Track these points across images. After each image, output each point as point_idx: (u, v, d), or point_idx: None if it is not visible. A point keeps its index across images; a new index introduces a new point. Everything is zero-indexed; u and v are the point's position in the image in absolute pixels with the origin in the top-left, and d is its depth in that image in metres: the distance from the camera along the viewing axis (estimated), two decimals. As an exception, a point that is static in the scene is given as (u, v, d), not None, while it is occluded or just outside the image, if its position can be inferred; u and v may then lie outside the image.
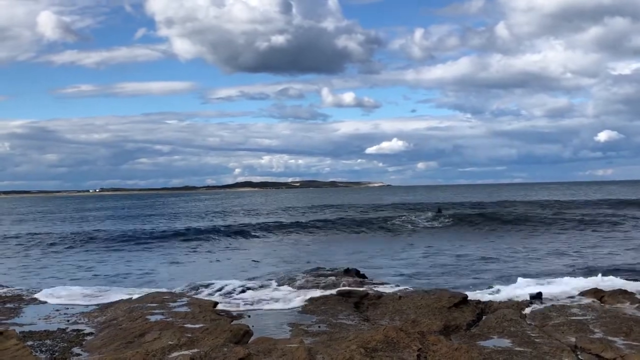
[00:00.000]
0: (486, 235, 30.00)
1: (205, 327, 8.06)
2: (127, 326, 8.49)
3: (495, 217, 37.53)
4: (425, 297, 9.98)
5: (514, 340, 8.08)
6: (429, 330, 8.17)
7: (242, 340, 7.64)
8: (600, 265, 16.60)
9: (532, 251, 21.71)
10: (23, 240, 29.72)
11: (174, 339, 7.46)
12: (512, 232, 30.39)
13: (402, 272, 16.67)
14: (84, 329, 9.17)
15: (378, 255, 21.90)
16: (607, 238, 26.14)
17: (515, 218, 36.75)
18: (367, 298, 10.39)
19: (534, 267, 17.45)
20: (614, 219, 35.29)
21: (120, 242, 28.35)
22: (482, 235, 29.81)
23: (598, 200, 55.77)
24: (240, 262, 20.84)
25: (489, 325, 8.91)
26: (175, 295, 10.89)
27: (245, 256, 22.81)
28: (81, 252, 25.04)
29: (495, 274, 15.92)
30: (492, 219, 36.60)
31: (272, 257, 22.38)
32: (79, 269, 19.57)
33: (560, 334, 8.28)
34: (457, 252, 21.64)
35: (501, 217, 37.23)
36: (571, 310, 9.54)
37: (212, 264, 20.75)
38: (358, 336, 7.34)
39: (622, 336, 8.05)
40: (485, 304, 10.29)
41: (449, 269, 17.16)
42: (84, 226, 39.90)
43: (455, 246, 23.99)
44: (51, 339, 8.58)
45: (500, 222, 35.05)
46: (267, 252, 24.05)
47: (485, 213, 40.53)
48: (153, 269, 19.21)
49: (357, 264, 15.90)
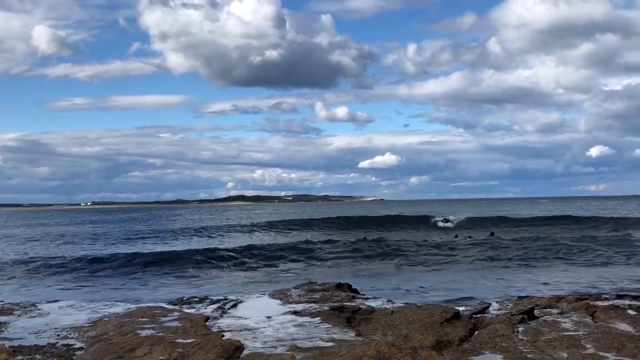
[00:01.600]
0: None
1: (197, 342, 8.01)
2: (118, 341, 8.44)
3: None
4: (417, 312, 9.97)
5: (505, 355, 8.07)
6: (421, 345, 8.15)
7: (234, 355, 7.60)
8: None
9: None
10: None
11: (165, 354, 7.41)
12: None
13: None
14: (74, 343, 9.09)
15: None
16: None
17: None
18: (359, 313, 10.37)
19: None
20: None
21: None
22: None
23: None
24: (233, 278, 20.78)
25: (481, 340, 8.91)
26: (166, 310, 10.84)
27: (238, 272, 22.74)
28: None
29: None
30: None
31: (264, 273, 22.31)
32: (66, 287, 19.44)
33: (552, 350, 8.28)
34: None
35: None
36: (563, 326, 9.54)
37: (204, 280, 20.66)
38: (350, 351, 7.32)
39: (614, 352, 8.06)
40: (478, 319, 10.29)
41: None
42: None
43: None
44: (41, 353, 8.50)
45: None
46: (259, 269, 23.97)
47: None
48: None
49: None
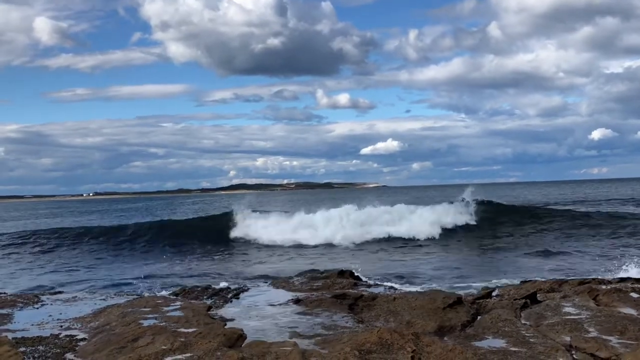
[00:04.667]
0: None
1: (199, 331, 8.01)
2: (120, 331, 8.43)
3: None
4: (419, 298, 9.95)
5: (508, 340, 8.06)
6: (424, 331, 8.14)
7: (236, 344, 7.59)
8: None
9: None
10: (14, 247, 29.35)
11: (167, 344, 7.41)
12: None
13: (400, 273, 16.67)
14: (77, 334, 9.08)
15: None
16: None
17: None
18: (362, 299, 10.36)
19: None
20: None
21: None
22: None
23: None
24: (233, 266, 20.80)
25: (484, 325, 8.89)
26: (169, 299, 10.84)
27: (240, 259, 22.77)
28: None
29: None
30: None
31: (266, 262, 22.32)
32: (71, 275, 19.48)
33: (555, 334, 8.26)
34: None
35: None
36: (566, 310, 9.52)
37: (203, 266, 20.69)
38: (352, 338, 7.31)
39: (617, 335, 8.04)
40: (480, 304, 10.28)
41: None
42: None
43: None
44: (44, 344, 8.49)
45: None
46: (260, 257, 23.99)
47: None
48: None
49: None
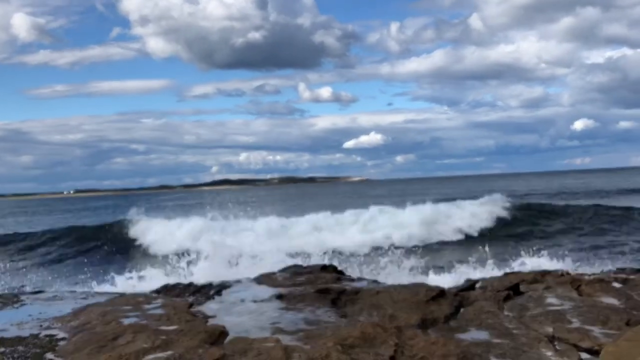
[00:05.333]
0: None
1: (180, 328, 7.93)
2: (101, 330, 8.33)
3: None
4: (402, 292, 9.93)
5: (491, 332, 8.07)
6: (407, 324, 8.13)
7: (218, 340, 7.53)
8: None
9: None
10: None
11: (148, 342, 7.33)
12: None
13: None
14: (57, 334, 8.95)
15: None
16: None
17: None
18: (345, 294, 10.31)
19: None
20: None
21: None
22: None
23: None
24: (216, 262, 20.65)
25: (467, 317, 8.90)
26: (150, 297, 10.73)
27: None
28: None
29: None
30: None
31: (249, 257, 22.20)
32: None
33: (537, 325, 8.29)
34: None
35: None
36: (548, 301, 9.56)
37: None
38: (335, 333, 7.28)
39: (599, 325, 8.08)
40: (463, 296, 10.28)
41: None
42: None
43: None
44: (23, 345, 8.36)
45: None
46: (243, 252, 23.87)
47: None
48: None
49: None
